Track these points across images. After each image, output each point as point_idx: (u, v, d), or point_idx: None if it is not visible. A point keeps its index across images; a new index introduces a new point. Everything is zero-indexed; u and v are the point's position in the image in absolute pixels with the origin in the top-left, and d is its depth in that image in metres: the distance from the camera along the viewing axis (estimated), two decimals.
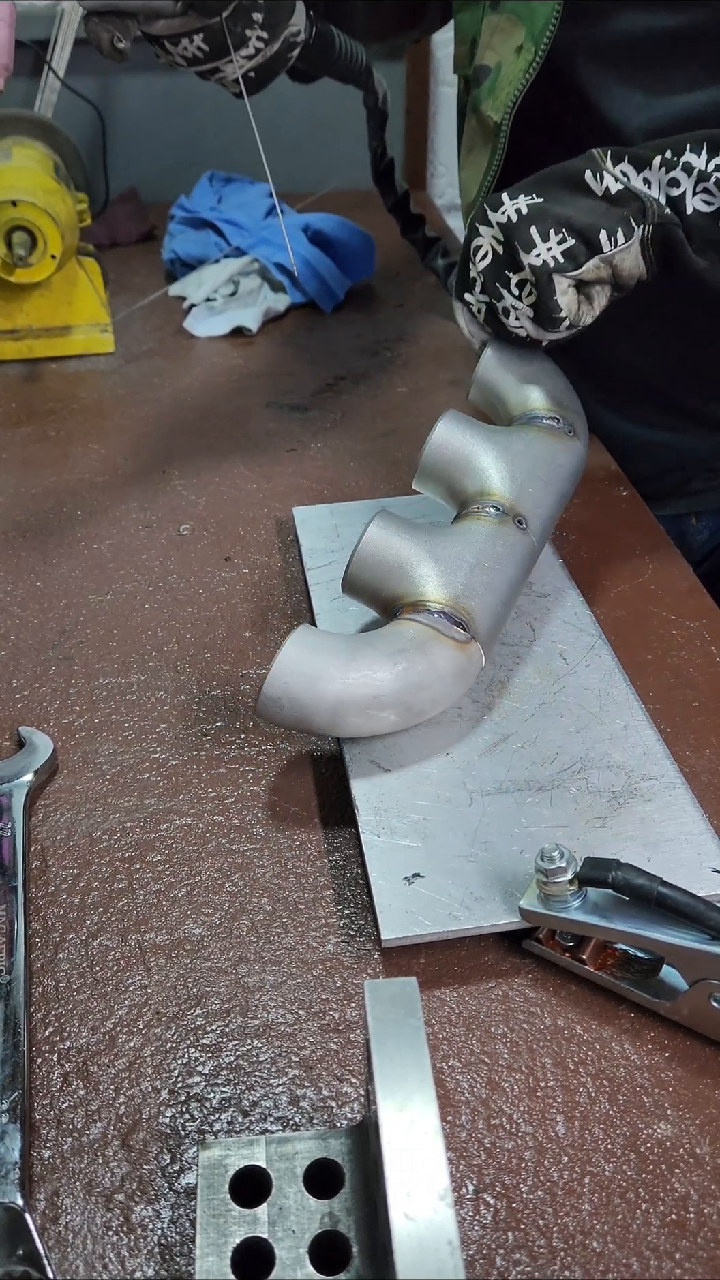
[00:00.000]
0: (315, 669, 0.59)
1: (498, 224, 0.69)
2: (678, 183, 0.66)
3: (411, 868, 0.55)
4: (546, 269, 0.67)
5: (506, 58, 0.77)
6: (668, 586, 0.77)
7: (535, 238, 0.67)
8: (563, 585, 0.76)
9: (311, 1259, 0.39)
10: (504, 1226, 0.44)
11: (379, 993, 0.38)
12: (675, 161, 0.66)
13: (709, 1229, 0.43)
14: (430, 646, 0.60)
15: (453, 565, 0.64)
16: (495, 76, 0.79)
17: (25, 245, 1.06)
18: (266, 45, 0.73)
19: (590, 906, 0.50)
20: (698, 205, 0.66)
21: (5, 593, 0.80)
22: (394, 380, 1.09)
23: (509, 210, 0.68)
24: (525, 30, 0.76)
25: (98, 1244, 0.43)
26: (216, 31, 0.70)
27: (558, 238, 0.67)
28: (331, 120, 1.56)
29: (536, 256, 0.67)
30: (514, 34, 0.77)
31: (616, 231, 0.67)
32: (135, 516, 0.88)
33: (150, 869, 0.58)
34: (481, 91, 0.80)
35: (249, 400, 1.06)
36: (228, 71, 0.74)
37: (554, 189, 0.69)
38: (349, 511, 0.85)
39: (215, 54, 0.72)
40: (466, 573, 0.64)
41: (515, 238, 0.68)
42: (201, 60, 0.72)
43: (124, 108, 1.57)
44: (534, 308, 0.69)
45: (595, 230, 0.66)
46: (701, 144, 0.66)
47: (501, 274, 0.69)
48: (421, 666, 0.60)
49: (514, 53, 0.76)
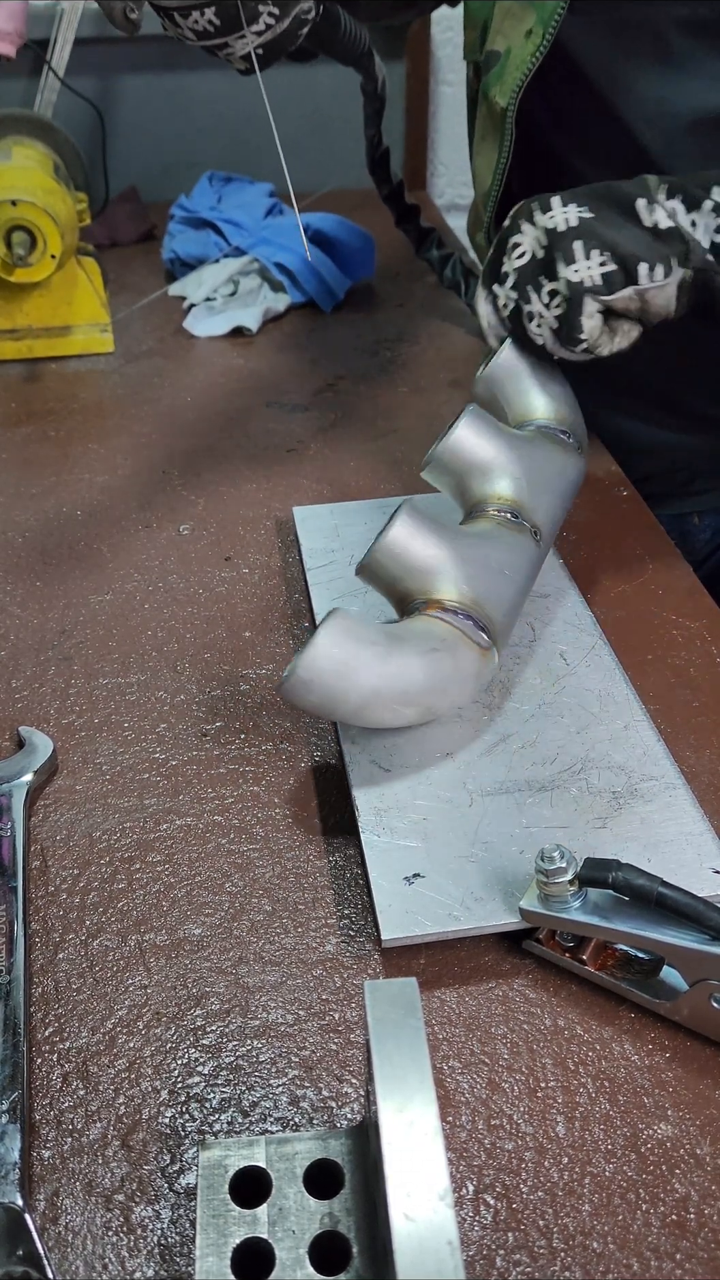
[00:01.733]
0: (352, 658, 0.57)
1: (544, 228, 0.68)
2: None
3: (412, 868, 0.55)
4: (581, 287, 0.67)
5: (516, 42, 0.77)
6: (668, 586, 0.77)
7: (578, 253, 0.67)
8: (563, 585, 0.76)
9: (311, 1259, 0.39)
10: (504, 1227, 0.44)
11: (379, 993, 0.38)
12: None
13: (709, 1229, 0.43)
14: (459, 648, 0.60)
15: (478, 569, 0.63)
16: (504, 61, 0.78)
17: (25, 245, 1.06)
18: (277, 21, 0.72)
19: (590, 907, 0.50)
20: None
21: (5, 593, 0.80)
22: (394, 380, 1.09)
23: (559, 217, 0.68)
24: (535, 14, 0.75)
25: (98, 1244, 0.43)
26: (229, 5, 0.69)
27: (600, 259, 0.66)
28: (331, 120, 1.56)
29: (575, 272, 0.67)
30: (525, 18, 0.77)
31: (657, 267, 0.66)
32: (135, 516, 0.88)
33: (150, 869, 0.58)
34: (491, 77, 0.80)
35: (249, 400, 1.06)
36: (237, 48, 0.73)
37: (605, 208, 0.68)
38: (349, 511, 0.85)
39: (226, 28, 0.70)
40: (489, 578, 0.63)
41: (558, 247, 0.67)
42: (212, 34, 0.71)
43: (124, 108, 1.57)
44: (559, 320, 0.69)
45: (636, 261, 0.66)
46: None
47: (535, 278, 0.69)
48: (449, 668, 0.59)
49: (523, 37, 0.76)
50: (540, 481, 0.69)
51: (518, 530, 0.67)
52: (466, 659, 0.60)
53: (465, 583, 0.62)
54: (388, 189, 1.04)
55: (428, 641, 0.59)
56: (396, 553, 0.62)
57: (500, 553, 0.65)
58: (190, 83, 1.56)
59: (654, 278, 0.66)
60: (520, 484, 0.68)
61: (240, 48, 0.73)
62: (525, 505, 0.68)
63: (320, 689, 0.57)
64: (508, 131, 0.80)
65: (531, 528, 0.68)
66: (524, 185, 0.77)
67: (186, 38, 0.72)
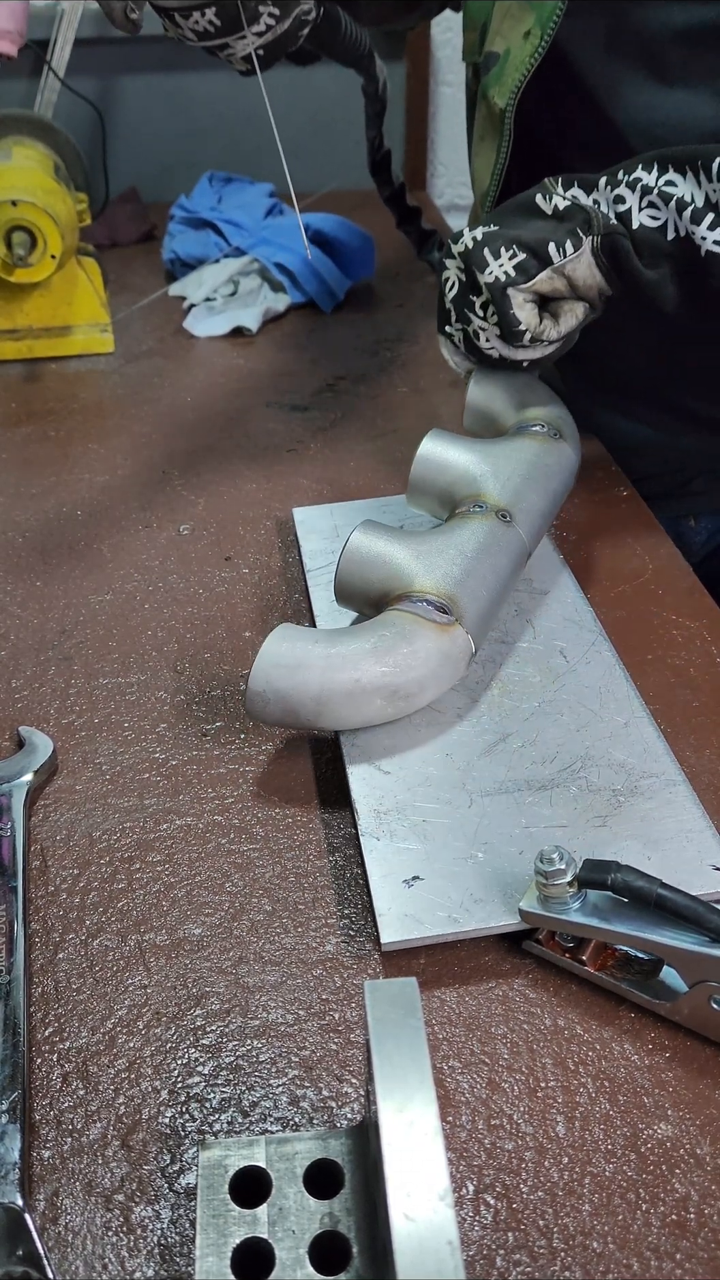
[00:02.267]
0: (294, 659, 0.60)
1: (458, 254, 0.73)
2: (623, 199, 0.69)
3: (411, 870, 0.55)
4: (500, 284, 0.70)
5: (515, 43, 0.77)
6: (668, 586, 0.77)
7: (488, 257, 0.71)
8: (563, 583, 0.76)
9: (311, 1259, 0.39)
10: (504, 1227, 0.44)
11: (379, 993, 0.38)
12: (621, 179, 0.69)
13: (709, 1229, 0.43)
14: (411, 631, 0.61)
15: (434, 556, 0.65)
16: (503, 62, 0.79)
17: (25, 245, 1.06)
18: (278, 22, 0.72)
19: (590, 908, 0.50)
20: (644, 220, 0.69)
21: (5, 593, 0.80)
22: (394, 380, 1.09)
23: (466, 239, 0.72)
24: (534, 16, 0.76)
25: (98, 1244, 0.43)
26: (230, 5, 0.69)
27: (509, 254, 0.70)
28: (331, 121, 1.56)
29: (490, 274, 0.71)
30: (524, 19, 0.77)
31: (565, 243, 0.70)
32: (135, 516, 0.88)
33: (150, 869, 0.58)
34: (490, 78, 0.80)
35: (249, 400, 1.06)
36: (237, 48, 0.73)
37: (508, 216, 0.73)
38: (349, 511, 0.85)
39: (227, 29, 0.71)
40: (447, 562, 0.65)
41: (471, 261, 0.71)
42: (212, 35, 0.71)
43: (124, 108, 1.57)
44: (497, 324, 0.73)
45: (544, 244, 0.70)
46: (653, 162, 0.69)
47: (466, 299, 0.74)
48: (403, 650, 0.61)
49: (522, 38, 0.77)
50: (508, 471, 0.72)
51: (483, 517, 0.69)
52: (423, 639, 0.61)
53: (423, 572, 0.64)
54: (389, 191, 1.04)
55: (374, 630, 0.62)
56: (357, 567, 0.66)
57: (461, 537, 0.67)
58: (190, 83, 1.56)
59: (565, 253, 0.70)
60: (487, 479, 0.71)
61: (241, 48, 0.73)
62: (494, 495, 0.70)
63: (275, 697, 0.60)
64: (506, 132, 0.80)
65: (499, 512, 0.69)
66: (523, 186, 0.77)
67: (187, 38, 0.72)
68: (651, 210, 0.68)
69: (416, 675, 0.61)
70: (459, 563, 0.65)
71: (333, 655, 0.60)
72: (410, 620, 0.62)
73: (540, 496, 0.72)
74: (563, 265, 0.70)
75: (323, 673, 0.59)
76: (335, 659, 0.60)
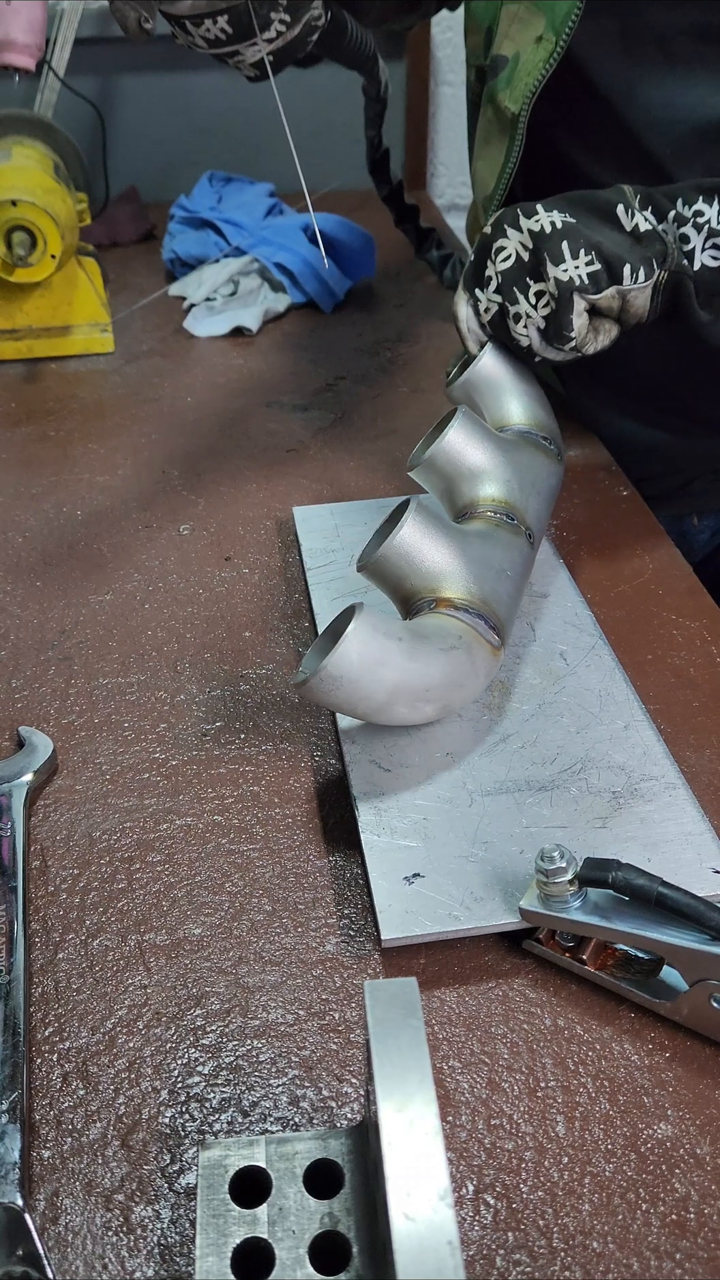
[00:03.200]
0: (380, 653, 0.57)
1: (529, 231, 0.69)
2: (688, 238, 0.68)
3: (411, 868, 0.55)
4: (570, 285, 0.68)
5: (525, 47, 0.77)
6: (668, 586, 0.77)
7: (565, 253, 0.68)
8: (563, 585, 0.76)
9: (311, 1259, 0.39)
10: (504, 1227, 0.44)
11: (379, 993, 0.38)
12: (688, 216, 0.68)
13: (709, 1229, 0.43)
14: (474, 646, 0.61)
15: (482, 569, 0.64)
16: (513, 67, 0.78)
17: (25, 245, 1.06)
18: (288, 29, 0.72)
19: (590, 907, 0.50)
20: (705, 260, 0.68)
21: (5, 593, 0.80)
22: (394, 380, 1.09)
23: (544, 220, 0.69)
24: (545, 20, 0.75)
25: (98, 1244, 0.43)
26: (242, 13, 0.69)
27: (586, 258, 0.68)
28: (331, 121, 1.56)
29: (564, 271, 0.68)
30: (533, 24, 0.76)
31: (639, 268, 0.68)
32: (135, 516, 0.88)
33: (150, 869, 0.58)
34: (499, 82, 0.80)
35: (249, 400, 1.06)
36: (247, 55, 0.73)
37: (586, 214, 0.70)
38: (349, 511, 0.85)
39: (238, 36, 0.71)
40: (493, 579, 0.64)
41: (545, 248, 0.68)
42: (223, 42, 0.71)
43: (124, 108, 1.57)
44: (547, 320, 0.70)
45: (621, 262, 0.68)
46: (714, 195, 0.67)
47: (522, 280, 0.70)
48: (466, 666, 0.60)
49: (533, 43, 0.76)
50: (529, 485, 0.70)
51: (514, 532, 0.68)
52: (481, 656, 0.61)
53: (473, 582, 0.63)
54: (387, 189, 1.04)
55: (446, 639, 0.60)
56: (405, 552, 0.62)
57: (500, 553, 0.66)
58: (190, 82, 1.56)
59: (636, 279, 0.68)
60: (511, 487, 0.69)
61: (251, 55, 0.72)
62: (517, 507, 0.69)
63: (348, 685, 0.57)
64: (518, 137, 0.79)
65: (526, 530, 0.68)
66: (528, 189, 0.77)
67: (198, 46, 0.72)
68: (714, 251, 0.67)
69: (467, 693, 0.61)
70: (501, 581, 0.64)
71: (413, 659, 0.58)
72: (472, 636, 0.61)
73: (546, 516, 0.73)
74: (628, 289, 0.68)
75: (401, 675, 0.57)
76: (414, 664, 0.58)
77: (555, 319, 0.69)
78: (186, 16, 0.69)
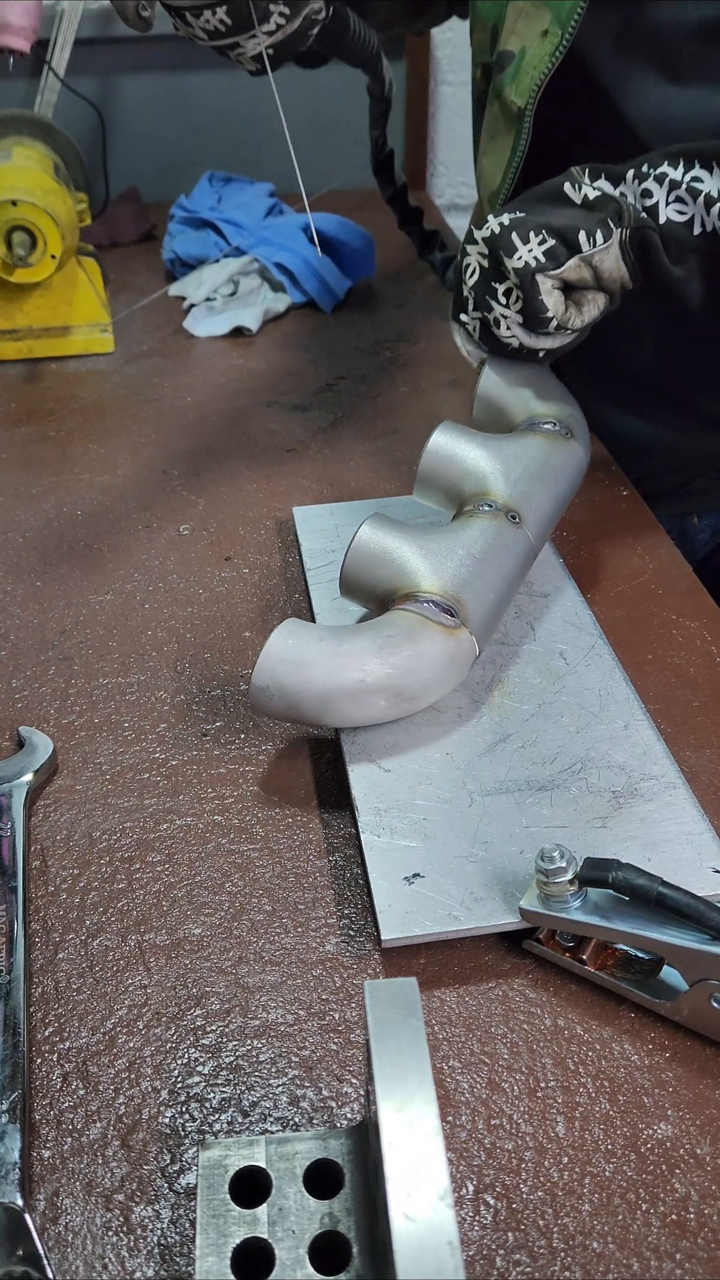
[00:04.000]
0: (301, 656, 0.59)
1: (482, 239, 0.71)
2: (650, 193, 0.68)
3: (411, 868, 0.55)
4: (529, 269, 0.69)
5: (531, 42, 0.77)
6: (668, 586, 0.77)
7: (516, 242, 0.69)
8: (563, 585, 0.76)
9: (311, 1259, 0.39)
10: (504, 1227, 0.44)
11: (379, 993, 0.38)
12: (648, 173, 0.69)
13: (709, 1229, 0.43)
14: (418, 632, 0.61)
15: (442, 556, 0.65)
16: (519, 61, 0.78)
17: (25, 245, 1.06)
18: (288, 22, 0.72)
19: (590, 907, 0.50)
20: (670, 215, 0.68)
21: (5, 593, 0.80)
22: (394, 380, 1.09)
23: (492, 225, 0.71)
24: (551, 14, 0.75)
25: (98, 1244, 0.43)
26: (241, 5, 0.69)
27: (538, 239, 0.69)
28: (332, 121, 1.56)
29: (519, 259, 0.69)
30: (539, 18, 0.77)
31: (595, 232, 0.69)
32: (135, 516, 0.88)
33: (150, 869, 0.58)
34: (504, 77, 0.80)
35: (249, 400, 1.06)
36: (247, 47, 0.73)
37: (534, 203, 0.72)
38: (349, 511, 0.85)
39: (237, 28, 0.71)
40: (456, 563, 0.65)
41: (498, 246, 0.70)
42: (223, 34, 0.71)
43: (124, 108, 1.57)
44: (521, 312, 0.71)
45: (574, 231, 0.69)
46: (678, 157, 0.68)
47: (489, 285, 0.72)
48: (408, 651, 0.60)
49: (539, 37, 0.76)
50: (519, 470, 0.71)
51: (491, 517, 0.68)
52: (429, 641, 0.61)
53: (430, 571, 0.64)
54: (391, 191, 1.04)
55: (381, 630, 0.61)
56: (364, 562, 0.65)
57: (469, 537, 0.66)
58: (191, 83, 1.56)
59: (595, 242, 0.69)
60: (497, 477, 0.70)
61: (251, 48, 0.73)
62: (504, 494, 0.69)
63: (279, 693, 0.59)
64: (524, 131, 0.80)
65: (508, 513, 0.68)
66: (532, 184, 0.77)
67: (198, 37, 0.72)
68: (679, 205, 0.68)
69: (421, 678, 0.61)
70: (466, 564, 0.65)
71: (339, 654, 0.60)
72: (416, 621, 0.62)
73: (548, 497, 0.72)
74: (591, 255, 0.69)
75: (328, 671, 0.59)
76: (341, 658, 0.60)
77: (528, 306, 0.70)
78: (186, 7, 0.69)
